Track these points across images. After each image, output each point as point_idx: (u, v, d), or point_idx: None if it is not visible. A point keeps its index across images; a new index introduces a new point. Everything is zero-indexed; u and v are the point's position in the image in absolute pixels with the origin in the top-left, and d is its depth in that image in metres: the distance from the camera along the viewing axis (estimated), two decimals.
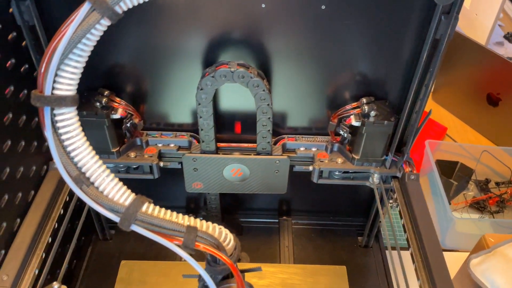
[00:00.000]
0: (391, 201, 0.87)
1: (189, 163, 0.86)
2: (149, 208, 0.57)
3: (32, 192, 0.76)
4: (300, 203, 1.10)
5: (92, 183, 0.57)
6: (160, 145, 0.88)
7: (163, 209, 0.57)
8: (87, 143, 0.57)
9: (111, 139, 0.82)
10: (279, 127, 0.88)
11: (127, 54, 0.76)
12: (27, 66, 0.73)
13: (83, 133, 0.56)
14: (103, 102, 0.77)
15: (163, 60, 0.76)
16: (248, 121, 0.85)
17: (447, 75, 1.53)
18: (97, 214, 1.02)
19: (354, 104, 0.81)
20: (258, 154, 0.86)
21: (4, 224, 0.67)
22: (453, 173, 1.26)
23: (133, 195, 0.58)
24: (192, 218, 0.57)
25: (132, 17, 0.70)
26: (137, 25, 0.71)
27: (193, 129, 0.88)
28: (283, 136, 0.89)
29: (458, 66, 1.49)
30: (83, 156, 0.56)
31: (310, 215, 1.12)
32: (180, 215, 0.57)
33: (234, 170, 0.87)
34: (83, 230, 0.86)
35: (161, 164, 0.87)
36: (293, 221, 1.12)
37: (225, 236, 0.59)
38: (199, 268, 0.54)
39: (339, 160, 0.86)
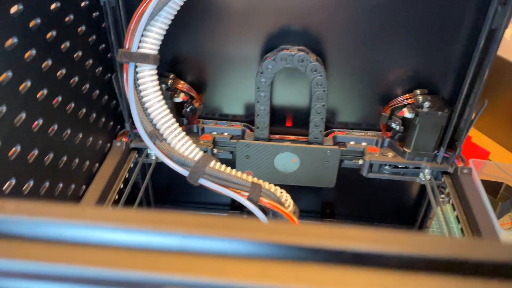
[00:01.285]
0: (442, 195, 0.86)
1: (242, 150, 0.89)
2: (216, 165, 0.60)
3: (97, 165, 0.80)
4: (343, 206, 1.10)
5: (165, 139, 0.61)
6: (214, 133, 0.92)
7: (228, 168, 0.60)
8: (163, 101, 0.61)
9: None
10: (329, 122, 0.91)
11: (190, 43, 0.82)
12: (103, 45, 0.79)
13: (160, 92, 0.61)
14: (168, 83, 0.82)
15: (221, 51, 0.82)
16: (299, 116, 0.88)
17: (489, 101, 1.52)
18: (148, 198, 1.05)
19: (407, 96, 0.83)
20: (310, 143, 0.88)
21: (72, 186, 0.71)
22: (498, 193, 1.24)
23: (201, 152, 0.61)
24: (255, 178, 0.60)
25: (195, 8, 0.76)
26: (200, 15, 0.77)
27: (246, 120, 0.92)
28: (334, 130, 0.91)
29: (500, 91, 1.49)
30: (159, 112, 0.61)
31: (353, 219, 1.11)
32: (245, 174, 0.60)
33: (285, 159, 0.89)
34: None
35: (215, 151, 0.91)
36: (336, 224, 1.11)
37: (286, 198, 0.60)
38: (265, 220, 0.56)
39: (390, 154, 0.88)
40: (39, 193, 0.61)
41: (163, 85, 0.83)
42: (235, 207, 1.11)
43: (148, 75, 0.59)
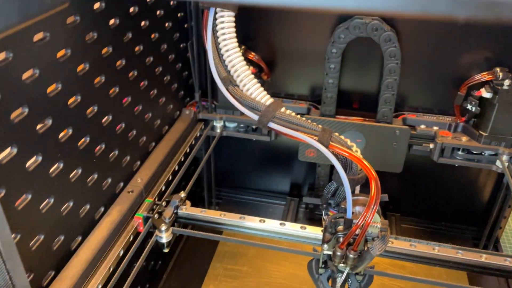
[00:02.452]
0: None
1: None
2: (287, 111, 0.60)
3: (166, 127, 0.83)
4: (407, 200, 1.04)
5: (237, 85, 0.62)
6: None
7: (299, 115, 0.60)
8: (238, 49, 0.62)
9: None
10: (399, 106, 0.88)
11: (261, 16, 0.84)
12: (178, 34, 0.82)
13: (236, 40, 0.62)
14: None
15: (291, 29, 0.83)
16: (367, 99, 0.87)
17: None
18: (210, 181, 1.06)
19: (486, 73, 0.79)
20: (378, 122, 0.85)
21: (144, 138, 0.74)
22: None
23: (272, 99, 0.61)
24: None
25: None
26: None
27: (312, 100, 0.91)
28: (403, 112, 0.88)
29: None
30: (233, 58, 0.62)
31: (417, 217, 1.05)
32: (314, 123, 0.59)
33: (350, 138, 0.87)
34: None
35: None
36: (401, 221, 1.06)
37: (356, 149, 0.59)
38: (337, 164, 0.54)
39: (464, 139, 0.83)
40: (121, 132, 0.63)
41: None
42: (294, 195, 1.09)
43: (226, 21, 0.61)
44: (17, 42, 0.43)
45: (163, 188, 0.73)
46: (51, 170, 0.50)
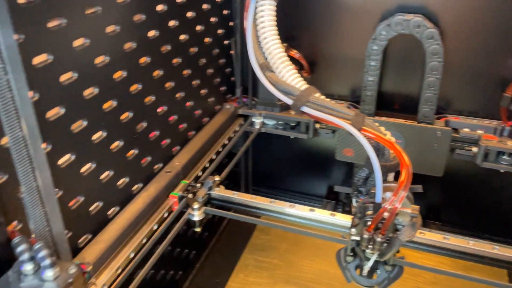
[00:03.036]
0: None
1: None
2: (321, 96, 0.60)
3: (207, 119, 0.86)
4: (448, 208, 1.00)
5: (273, 71, 0.64)
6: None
7: (333, 100, 0.60)
8: (277, 37, 0.64)
9: None
10: (441, 108, 0.86)
11: (304, 14, 0.86)
12: (223, 31, 0.86)
13: (275, 28, 0.64)
14: None
15: (332, 28, 0.84)
16: (408, 101, 0.86)
17: None
18: (247, 181, 1.07)
19: None
20: (418, 122, 0.84)
21: (184, 125, 0.77)
22: None
23: (307, 84, 0.62)
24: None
25: None
26: None
27: (351, 100, 0.91)
28: (446, 115, 0.86)
29: None
30: (271, 45, 0.64)
31: (459, 228, 1.01)
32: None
33: None
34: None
35: (317, 126, 0.91)
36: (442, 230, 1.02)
37: (390, 138, 0.58)
38: (369, 147, 0.54)
39: (510, 143, 0.80)
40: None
41: None
42: (331, 198, 1.09)
43: (266, 9, 0.63)
44: (70, 10, 0.47)
45: (200, 174, 0.75)
46: (94, 137, 0.54)
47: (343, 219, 0.61)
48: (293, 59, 0.89)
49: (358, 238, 0.55)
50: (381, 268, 0.59)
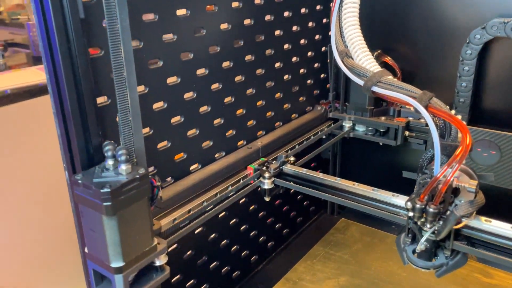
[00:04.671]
0: None
1: None
2: (394, 79, 0.63)
3: (296, 115, 0.92)
4: None
5: (351, 57, 0.69)
6: (411, 118, 0.92)
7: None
8: (358, 27, 0.69)
9: (369, 97, 0.93)
10: None
11: (398, 21, 0.88)
12: (320, 37, 0.94)
13: (357, 19, 0.70)
14: (374, 55, 0.90)
15: (426, 33, 0.85)
16: (505, 110, 0.81)
17: None
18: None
19: None
20: None
21: (272, 113, 0.84)
22: None
23: (381, 68, 0.65)
24: None
25: None
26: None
27: None
28: None
29: None
30: (352, 33, 0.69)
31: None
32: None
33: (482, 148, 0.82)
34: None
35: (407, 133, 0.91)
36: None
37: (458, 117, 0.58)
38: (431, 123, 0.55)
39: None
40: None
41: None
42: None
43: (350, 2, 0.69)
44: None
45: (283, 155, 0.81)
46: (186, 95, 0.64)
47: (404, 200, 0.61)
48: (387, 65, 0.93)
49: (411, 214, 0.55)
50: (441, 253, 0.57)
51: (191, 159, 0.68)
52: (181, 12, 0.60)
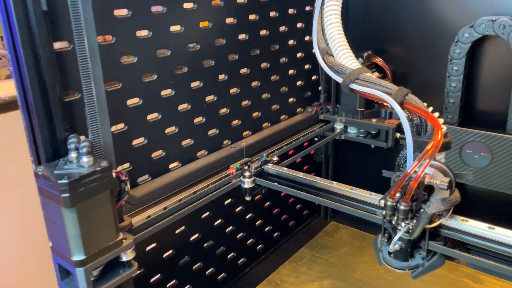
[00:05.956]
0: None
1: None
2: (372, 75, 0.62)
3: (285, 116, 0.91)
4: None
5: (332, 55, 0.68)
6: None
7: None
8: (339, 26, 0.69)
9: (360, 98, 0.92)
10: None
11: (389, 21, 0.87)
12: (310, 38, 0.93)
13: (339, 18, 0.69)
14: (364, 56, 0.89)
15: (415, 34, 0.84)
16: (496, 111, 0.79)
17: None
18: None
19: None
20: (507, 133, 0.76)
21: (258, 114, 0.84)
22: None
23: (360, 65, 0.65)
24: None
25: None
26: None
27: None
28: None
29: None
30: (333, 31, 0.68)
31: None
32: None
33: (473, 150, 0.80)
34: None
35: (398, 135, 0.89)
36: None
37: (435, 114, 0.56)
38: (404, 120, 0.54)
39: None
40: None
41: (359, 59, 0.90)
42: None
43: (331, 4, 0.68)
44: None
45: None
46: (163, 92, 0.64)
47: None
48: (377, 67, 0.92)
49: (384, 212, 0.53)
50: (417, 255, 0.55)
51: (170, 157, 0.68)
52: (156, 8, 0.60)
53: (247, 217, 0.88)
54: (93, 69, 0.48)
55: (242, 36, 0.76)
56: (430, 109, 0.55)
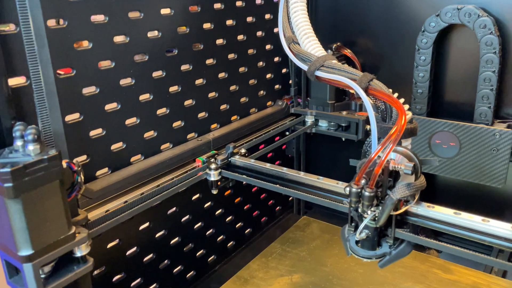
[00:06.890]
0: None
1: None
2: (337, 63, 0.61)
3: (255, 110, 0.90)
4: None
5: (298, 43, 0.66)
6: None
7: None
8: (304, 14, 0.67)
9: (330, 91, 0.91)
10: (505, 113, 0.77)
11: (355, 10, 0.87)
12: None
13: (305, 8, 0.67)
14: (333, 47, 0.88)
15: (382, 25, 0.84)
16: (463, 101, 0.79)
17: None
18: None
19: None
20: (475, 122, 0.76)
21: (227, 107, 0.82)
22: None
23: (325, 52, 0.63)
24: None
25: None
26: None
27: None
28: (510, 120, 0.77)
29: None
30: (299, 19, 0.67)
31: None
32: None
33: (442, 140, 0.80)
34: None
35: (368, 127, 0.88)
36: None
37: (400, 101, 0.55)
38: (369, 105, 0.52)
39: None
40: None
41: (328, 51, 0.89)
42: None
43: None
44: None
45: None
46: (122, 81, 0.62)
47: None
48: (347, 58, 0.91)
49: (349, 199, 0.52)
50: (384, 243, 0.54)
51: (131, 149, 0.65)
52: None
53: (216, 213, 0.86)
54: (39, 52, 0.45)
55: (207, 26, 0.74)
56: (396, 95, 0.54)
